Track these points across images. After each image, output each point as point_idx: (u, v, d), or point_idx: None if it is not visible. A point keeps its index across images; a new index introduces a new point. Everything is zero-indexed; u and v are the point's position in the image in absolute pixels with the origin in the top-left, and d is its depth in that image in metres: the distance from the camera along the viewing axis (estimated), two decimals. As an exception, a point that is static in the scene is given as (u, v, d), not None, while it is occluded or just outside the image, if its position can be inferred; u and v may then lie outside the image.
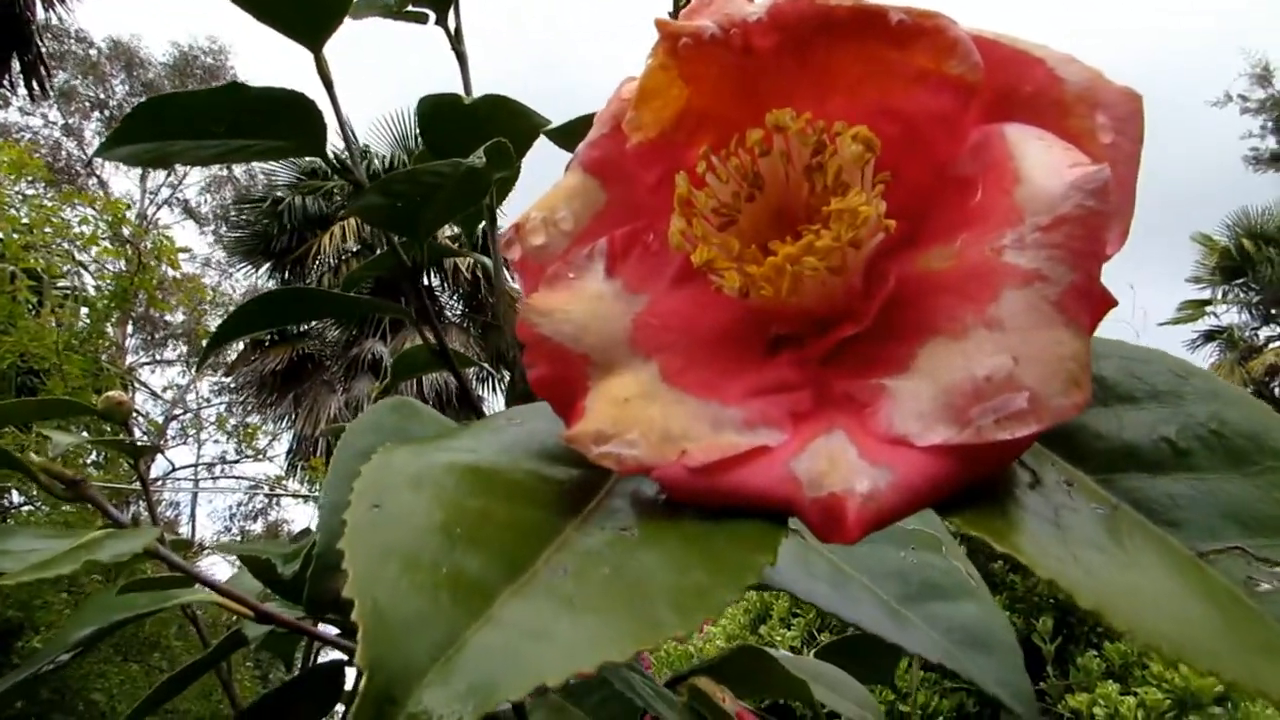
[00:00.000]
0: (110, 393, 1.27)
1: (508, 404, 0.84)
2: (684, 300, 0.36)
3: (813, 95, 0.35)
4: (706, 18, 0.34)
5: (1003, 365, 0.29)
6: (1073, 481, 0.32)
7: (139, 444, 1.22)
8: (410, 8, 1.05)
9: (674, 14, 0.98)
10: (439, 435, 0.35)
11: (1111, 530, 0.29)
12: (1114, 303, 0.32)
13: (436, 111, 0.93)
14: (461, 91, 1.04)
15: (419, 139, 0.98)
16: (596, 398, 0.33)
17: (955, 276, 0.31)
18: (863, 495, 0.28)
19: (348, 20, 1.07)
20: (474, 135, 0.94)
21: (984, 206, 0.32)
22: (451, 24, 1.05)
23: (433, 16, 1.05)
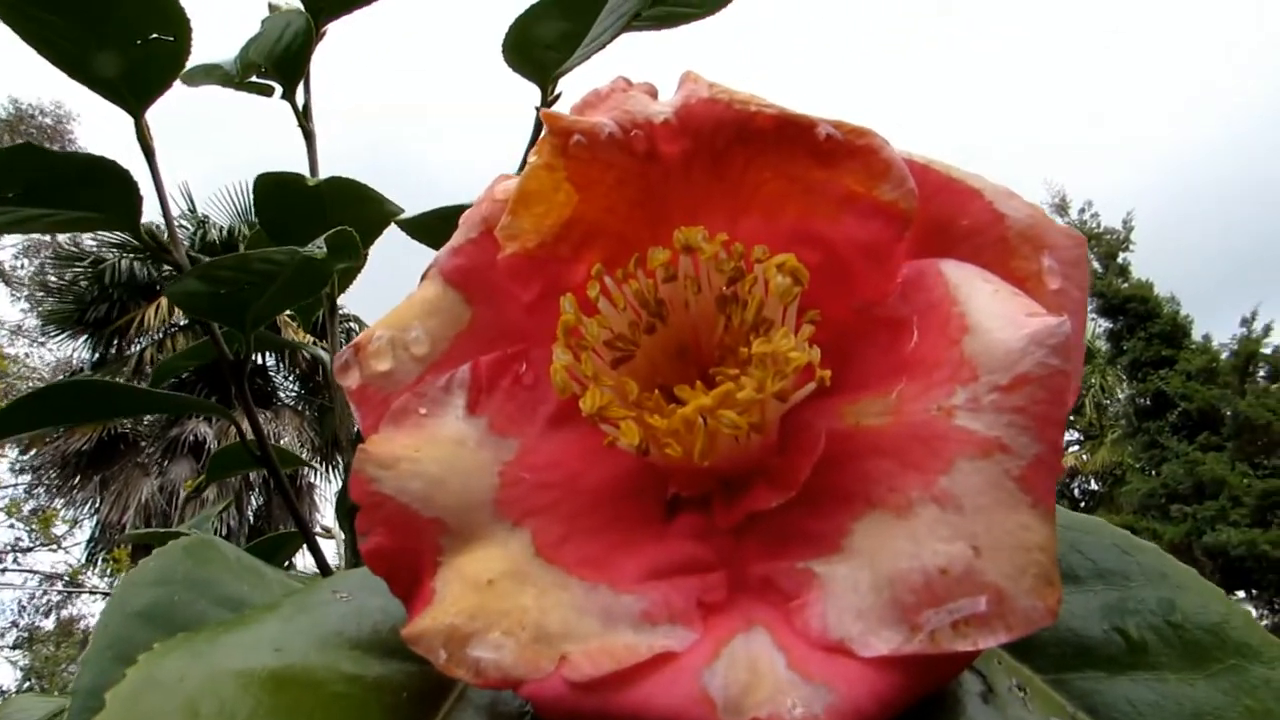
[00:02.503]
0: None
1: (346, 538, 0.73)
2: (563, 448, 0.29)
3: (724, 213, 0.29)
4: (604, 113, 0.29)
5: (960, 556, 0.23)
6: (1025, 686, 0.27)
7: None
8: (255, 79, 0.96)
9: (545, 106, 0.94)
10: (233, 622, 0.27)
11: (1079, 755, 0.24)
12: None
13: (275, 191, 0.84)
14: (307, 171, 0.96)
15: (261, 215, 0.88)
16: (450, 578, 0.26)
17: (894, 437, 0.26)
18: (797, 726, 0.22)
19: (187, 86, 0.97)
20: (316, 219, 0.86)
21: (923, 355, 0.27)
22: (300, 100, 0.97)
23: (279, 90, 0.97)
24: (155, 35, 0.68)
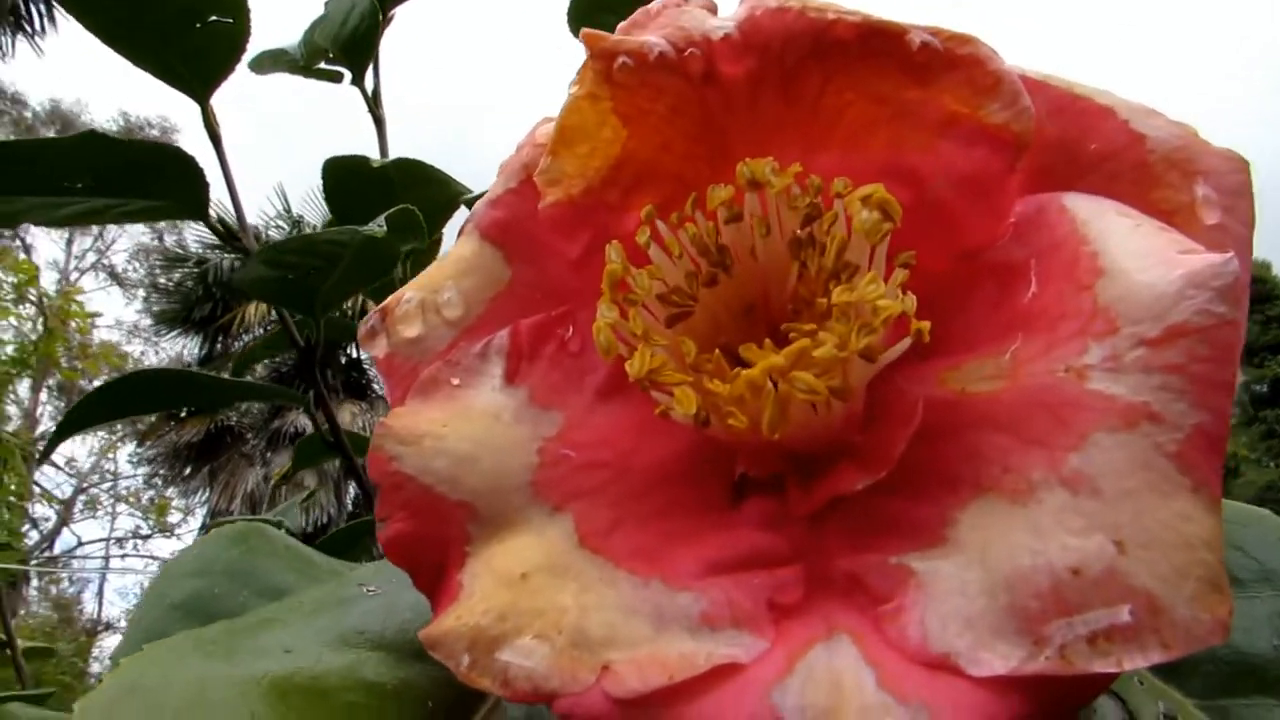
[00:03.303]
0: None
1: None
2: (613, 421, 0.25)
3: (798, 145, 0.25)
4: (653, 32, 0.25)
5: (1098, 552, 0.18)
6: (1175, 714, 0.22)
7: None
8: (323, 65, 0.95)
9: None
10: (254, 623, 0.24)
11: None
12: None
13: (344, 175, 0.82)
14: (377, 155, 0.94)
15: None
16: (479, 571, 0.22)
17: (1009, 405, 0.22)
18: (891, 761, 0.18)
19: (292, 82, 0.97)
20: (385, 202, 0.84)
21: (1044, 306, 0.22)
22: (369, 85, 0.96)
23: (348, 76, 0.96)
24: (214, 18, 0.67)
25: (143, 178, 0.68)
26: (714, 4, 0.26)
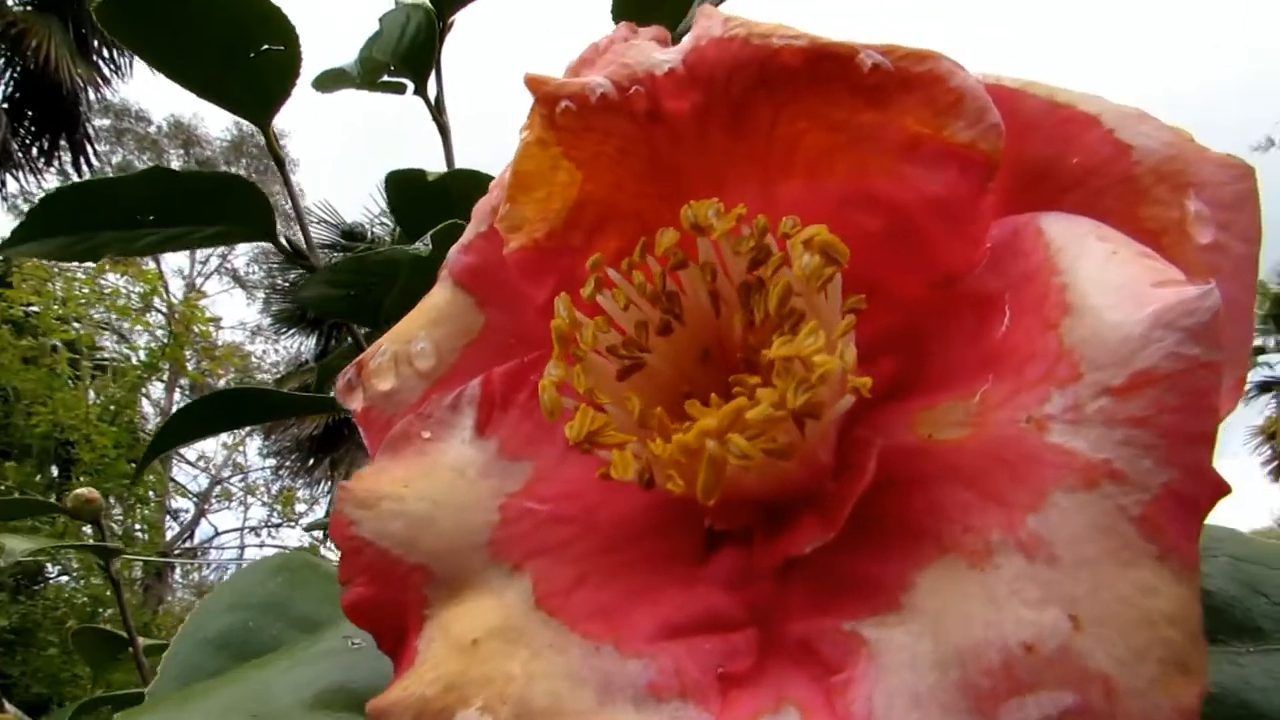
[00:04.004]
0: (79, 490, 1.19)
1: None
2: (584, 473, 0.25)
3: (757, 180, 0.24)
4: (599, 70, 0.24)
5: (1052, 627, 0.17)
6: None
7: (108, 546, 1.13)
8: (386, 78, 0.97)
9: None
10: (233, 678, 0.24)
11: None
12: (1226, 491, 0.20)
13: (403, 187, 0.84)
14: (444, 167, 0.96)
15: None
16: (434, 636, 0.22)
17: (973, 456, 0.20)
18: None
19: (356, 96, 1.00)
20: (445, 213, 0.85)
21: (1015, 343, 0.21)
22: (432, 93, 0.97)
23: (411, 86, 0.98)
24: (265, 47, 0.69)
25: (208, 206, 0.71)
26: (666, 34, 0.25)
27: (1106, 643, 0.16)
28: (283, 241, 0.79)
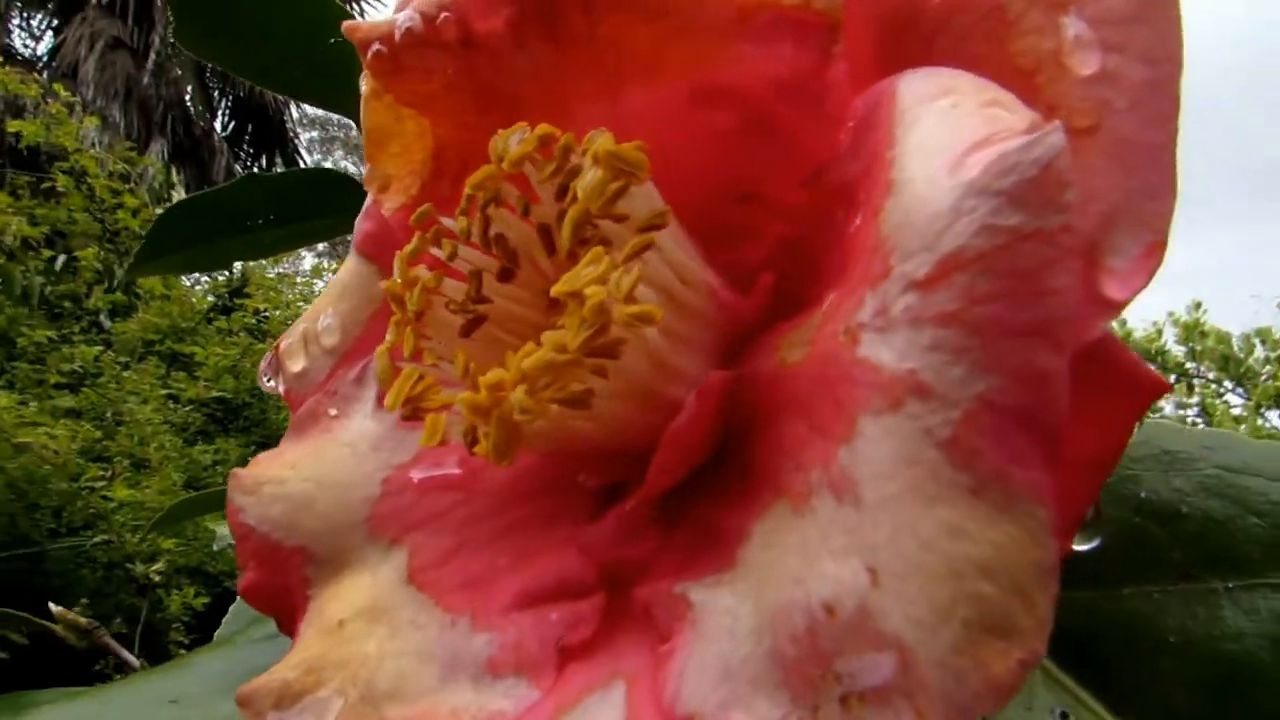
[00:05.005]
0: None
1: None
2: (477, 435, 0.23)
3: (598, 90, 0.21)
4: (411, 6, 0.22)
5: (853, 583, 0.14)
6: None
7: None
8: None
9: None
10: (148, 673, 0.25)
11: None
12: (1146, 398, 0.16)
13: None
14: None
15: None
16: (311, 618, 0.22)
17: (806, 381, 0.17)
18: None
19: None
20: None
21: (856, 239, 0.17)
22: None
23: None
24: (333, 40, 0.71)
25: (308, 202, 0.74)
26: (484, -51, 0.22)
27: (904, 600, 0.13)
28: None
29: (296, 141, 9.78)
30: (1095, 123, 0.15)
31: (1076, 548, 0.18)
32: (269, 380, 0.27)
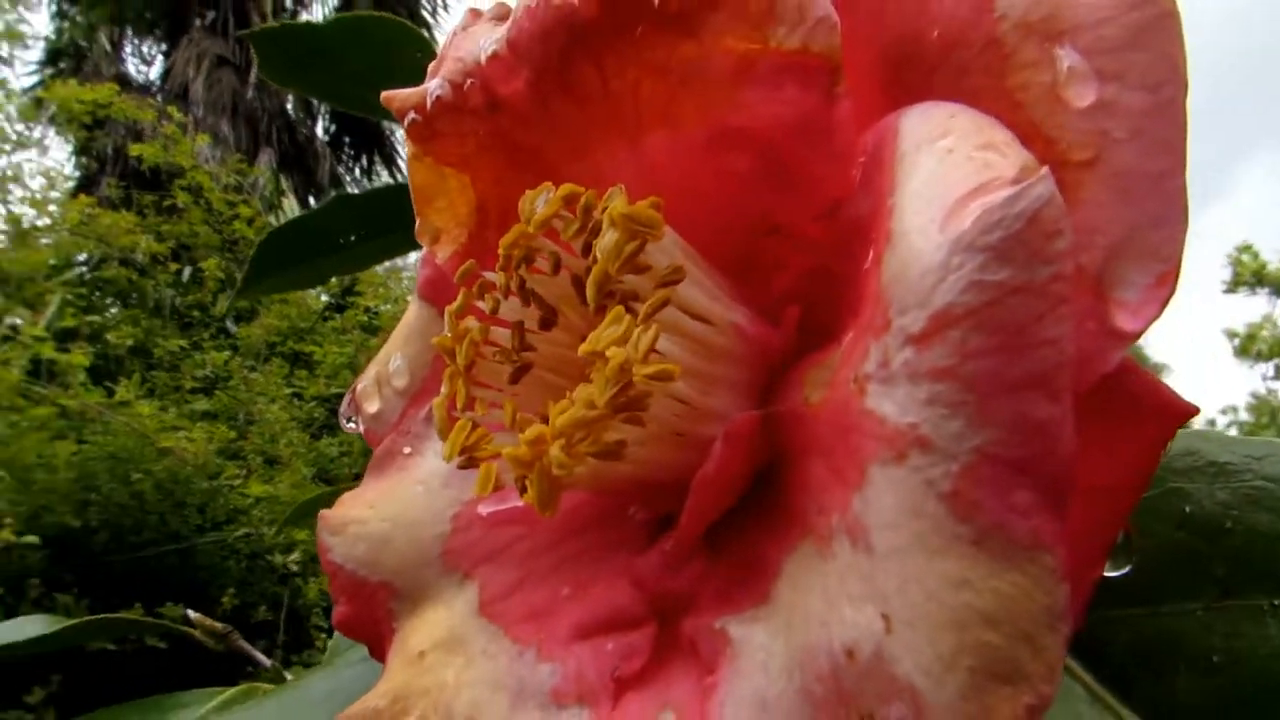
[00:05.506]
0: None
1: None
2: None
3: (620, 142, 0.22)
4: (439, 73, 0.23)
5: (869, 629, 0.15)
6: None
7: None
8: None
9: None
10: (254, 698, 0.28)
11: None
12: (1171, 424, 0.16)
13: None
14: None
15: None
16: (396, 649, 0.24)
17: (825, 424, 0.17)
18: None
19: None
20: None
21: (866, 282, 0.17)
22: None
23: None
24: (401, 65, 0.73)
25: (391, 216, 0.78)
26: (508, 9, 0.23)
27: (914, 648, 0.14)
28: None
29: (393, 139, 10.06)
30: (1095, 155, 0.15)
31: (1108, 574, 0.18)
32: (349, 422, 0.29)
